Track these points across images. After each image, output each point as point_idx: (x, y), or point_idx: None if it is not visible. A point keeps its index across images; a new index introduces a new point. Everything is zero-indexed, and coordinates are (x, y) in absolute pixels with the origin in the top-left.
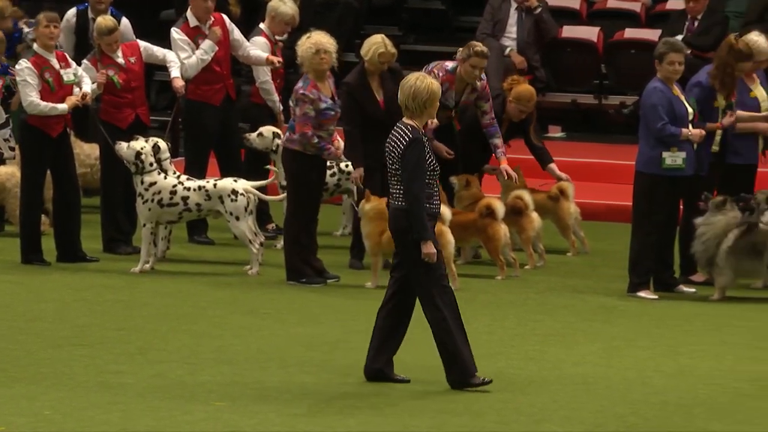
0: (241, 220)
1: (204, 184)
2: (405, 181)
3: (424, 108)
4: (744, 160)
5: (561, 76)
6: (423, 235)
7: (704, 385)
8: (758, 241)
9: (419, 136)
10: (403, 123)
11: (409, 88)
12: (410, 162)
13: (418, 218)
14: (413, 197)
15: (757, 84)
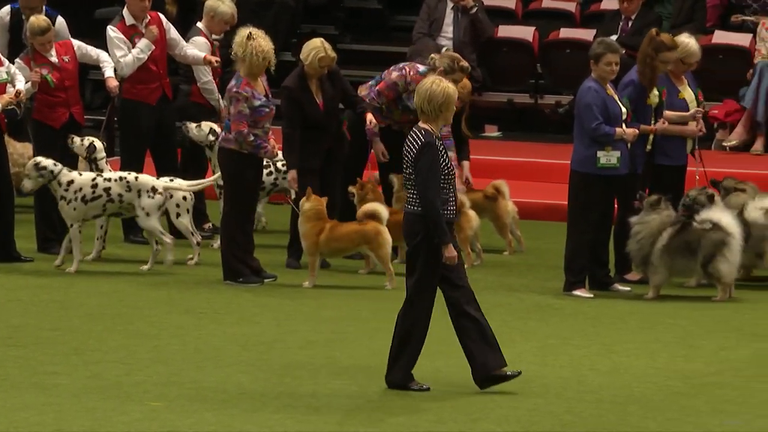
0: (151, 216)
1: (125, 176)
2: (419, 186)
3: (439, 111)
4: (673, 161)
5: (497, 76)
6: (444, 240)
7: (638, 383)
8: (692, 239)
9: (432, 140)
10: (417, 127)
11: (425, 91)
12: (423, 167)
13: (436, 223)
14: (428, 202)
15: (685, 86)
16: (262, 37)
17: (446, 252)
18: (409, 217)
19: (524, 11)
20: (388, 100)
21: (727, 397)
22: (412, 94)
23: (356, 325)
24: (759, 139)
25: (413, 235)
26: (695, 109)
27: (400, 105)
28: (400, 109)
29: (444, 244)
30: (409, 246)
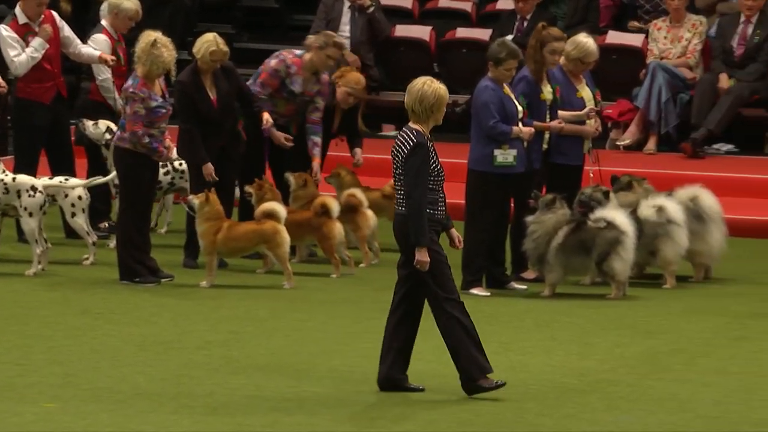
0: (33, 216)
1: (3, 177)
2: (407, 186)
3: (430, 112)
4: (569, 160)
5: (394, 75)
6: (419, 242)
7: (534, 380)
8: (587, 238)
9: (424, 140)
10: (408, 127)
11: (417, 92)
12: (413, 167)
13: (416, 224)
14: (414, 202)
15: (583, 85)
16: (166, 47)
17: (419, 255)
18: (401, 218)
19: (421, 11)
20: (273, 90)
21: (621, 393)
22: (294, 77)
23: (254, 324)
24: (652, 139)
25: (407, 236)
26: (588, 107)
27: (285, 92)
28: (285, 96)
29: (419, 246)
30: (404, 248)
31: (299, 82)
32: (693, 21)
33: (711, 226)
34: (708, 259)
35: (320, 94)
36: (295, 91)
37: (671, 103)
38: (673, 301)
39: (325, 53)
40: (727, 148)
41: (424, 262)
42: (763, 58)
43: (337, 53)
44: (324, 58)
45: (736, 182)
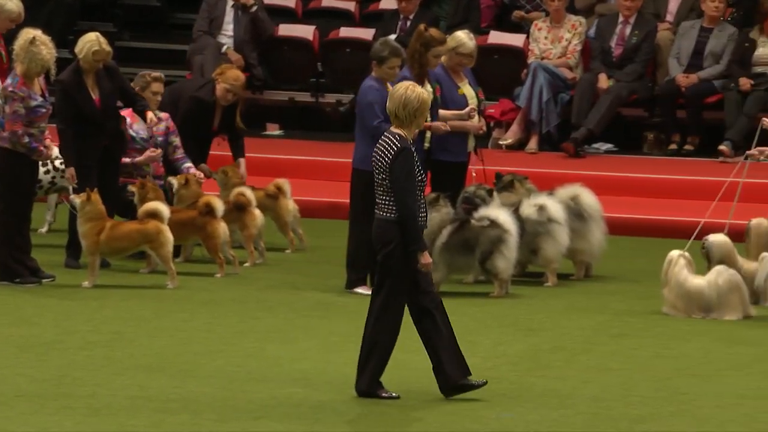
0: None
1: None
2: (397, 192)
3: (414, 117)
4: (453, 157)
5: (278, 74)
6: (420, 247)
7: (418, 377)
8: (470, 237)
9: (408, 145)
10: (391, 132)
11: (400, 97)
12: (401, 173)
13: (413, 230)
14: (407, 209)
15: (465, 82)
16: (45, 45)
17: (423, 258)
18: (382, 223)
19: (304, 10)
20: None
21: (503, 390)
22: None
23: (137, 324)
24: (533, 138)
25: (387, 242)
26: (469, 107)
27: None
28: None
29: (420, 250)
30: (380, 253)
31: (142, 127)
32: (573, 21)
33: (591, 224)
34: (588, 257)
35: (170, 131)
36: (144, 137)
37: (552, 103)
38: (554, 298)
39: (150, 91)
40: (606, 148)
41: (428, 264)
42: (641, 59)
43: (160, 86)
44: (150, 96)
45: (616, 181)
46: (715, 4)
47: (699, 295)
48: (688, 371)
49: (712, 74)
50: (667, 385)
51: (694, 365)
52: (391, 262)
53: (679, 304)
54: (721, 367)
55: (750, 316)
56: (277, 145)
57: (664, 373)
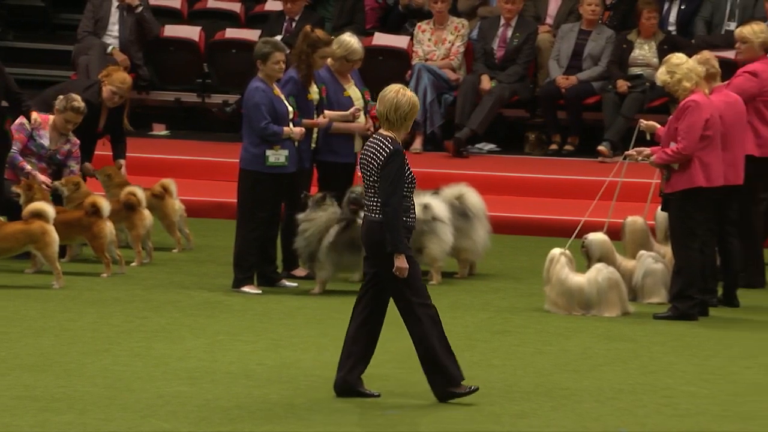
0: None
1: None
2: (383, 193)
3: (404, 120)
4: (340, 158)
5: (164, 75)
6: (398, 248)
7: (305, 377)
8: (357, 236)
9: (399, 148)
10: (381, 135)
11: (390, 100)
12: (390, 174)
13: (394, 231)
14: (391, 210)
15: (351, 84)
16: None
17: (398, 262)
18: (374, 226)
19: (189, 11)
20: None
21: (389, 388)
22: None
23: (22, 324)
24: (418, 138)
25: (379, 243)
26: (354, 108)
27: (34, 145)
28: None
29: (398, 253)
30: (375, 256)
31: (47, 136)
32: (456, 24)
33: (475, 223)
34: (472, 256)
35: (71, 156)
36: (44, 144)
37: (436, 104)
38: (438, 296)
39: (63, 117)
40: (489, 148)
41: (404, 268)
42: (522, 60)
43: (77, 117)
44: (63, 122)
45: (499, 180)
46: (592, 7)
47: (579, 292)
48: (568, 367)
49: (591, 76)
50: (548, 380)
51: (574, 361)
52: (387, 264)
53: (560, 302)
54: (600, 362)
55: (628, 313)
56: (163, 145)
57: (545, 369)
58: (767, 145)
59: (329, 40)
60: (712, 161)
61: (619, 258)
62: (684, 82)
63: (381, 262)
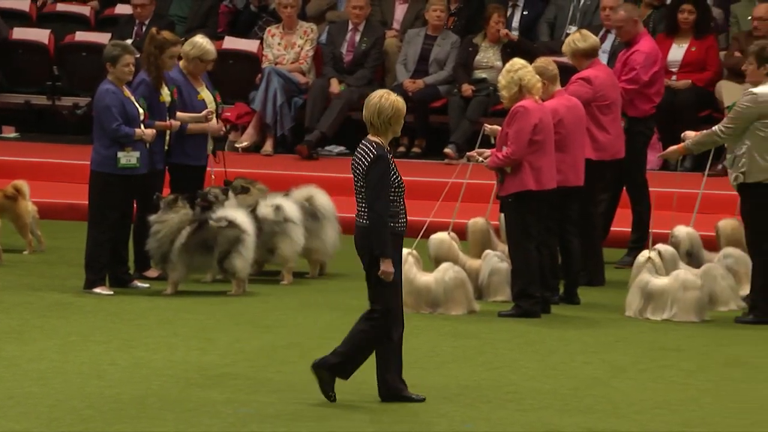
0: None
1: None
2: (368, 198)
3: (389, 124)
4: (192, 160)
5: (13, 77)
6: (383, 253)
7: (157, 376)
8: (209, 237)
9: (384, 153)
10: (368, 140)
11: (374, 105)
12: (373, 179)
13: (378, 235)
14: (375, 215)
15: (203, 87)
16: None
17: (383, 266)
18: (362, 231)
19: (39, 14)
20: None
21: (241, 386)
22: None
23: None
24: (269, 141)
25: (368, 249)
26: (206, 110)
27: None
28: None
29: (383, 257)
30: (365, 260)
31: None
32: (305, 28)
33: (325, 224)
34: (323, 256)
35: None
36: None
37: (286, 107)
38: (290, 296)
39: None
40: (339, 150)
41: (389, 272)
42: (370, 65)
43: None
44: None
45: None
46: (437, 13)
47: (427, 291)
48: (416, 364)
49: (437, 80)
50: None
51: (422, 358)
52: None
53: (409, 300)
54: (447, 359)
55: (474, 311)
56: (13, 148)
57: None
58: (603, 149)
59: (176, 41)
60: (543, 165)
61: (463, 257)
62: (514, 88)
63: (369, 266)
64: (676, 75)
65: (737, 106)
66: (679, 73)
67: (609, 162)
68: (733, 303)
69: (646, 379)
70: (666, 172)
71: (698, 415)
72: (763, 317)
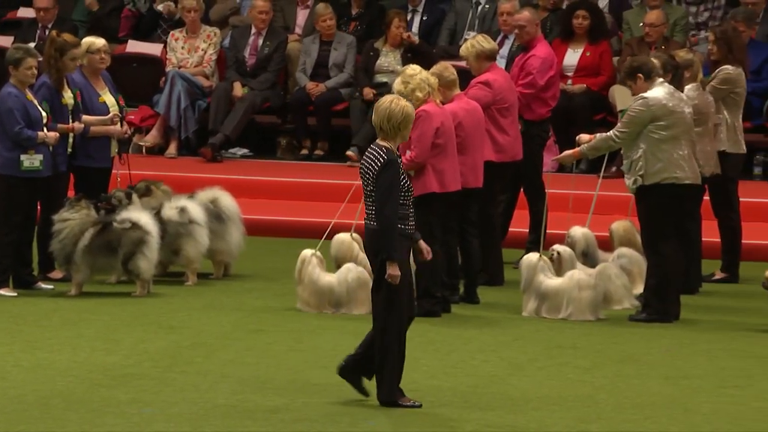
0: None
1: None
2: (378, 202)
3: (398, 130)
4: (96, 162)
5: None
6: (391, 256)
7: (62, 377)
8: (113, 238)
9: (394, 158)
10: (377, 144)
11: (384, 110)
12: (384, 184)
13: (388, 239)
14: (385, 218)
15: (106, 90)
16: None
17: (390, 269)
18: (372, 233)
19: None
20: None
21: (145, 386)
22: None
23: None
24: (173, 143)
25: (378, 251)
26: (113, 113)
27: None
28: None
29: (391, 260)
30: (374, 262)
31: None
32: (208, 32)
33: (230, 225)
34: (227, 257)
35: None
36: None
37: (190, 110)
38: (194, 297)
39: None
40: (242, 152)
41: (396, 276)
42: (273, 68)
43: None
44: None
45: (252, 184)
46: (327, 23)
47: (330, 291)
48: (319, 363)
49: (338, 82)
50: (301, 377)
51: (325, 357)
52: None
53: (312, 301)
54: None
55: None
56: None
57: (297, 365)
58: (504, 151)
59: (77, 43)
60: (445, 168)
61: (364, 258)
62: (416, 92)
63: (381, 268)
64: (571, 79)
65: (630, 111)
66: (575, 77)
67: (509, 163)
68: (627, 302)
69: (543, 376)
70: (562, 174)
71: (593, 411)
72: (656, 315)
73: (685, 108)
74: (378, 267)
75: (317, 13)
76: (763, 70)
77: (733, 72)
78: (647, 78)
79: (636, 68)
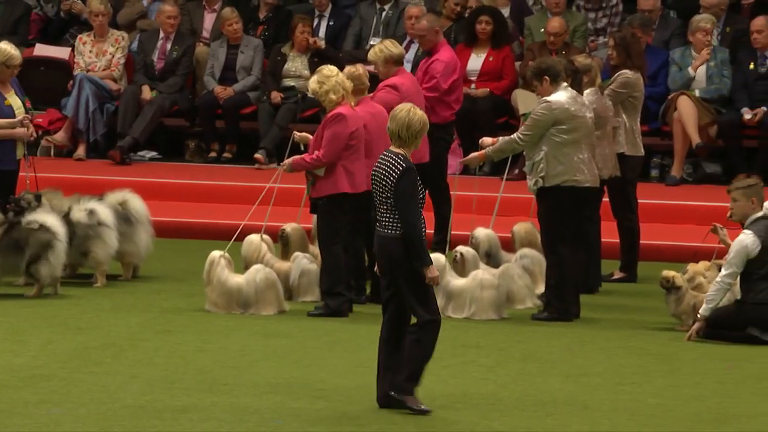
0: None
1: None
2: (402, 210)
3: (415, 138)
4: (2, 165)
5: None
6: (426, 261)
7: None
8: (20, 238)
9: (412, 165)
10: (393, 152)
11: (402, 118)
12: (406, 192)
13: (418, 246)
14: (411, 226)
15: (12, 93)
16: None
17: (429, 273)
18: (389, 241)
19: None
20: None
21: (53, 387)
22: None
23: None
24: (81, 146)
25: (393, 257)
26: (23, 115)
27: None
28: None
29: (426, 265)
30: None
31: None
32: (116, 36)
33: (139, 227)
34: (136, 259)
35: None
36: None
37: (99, 113)
38: (103, 298)
39: None
40: (151, 155)
41: (435, 277)
42: (181, 72)
43: None
44: None
45: (161, 187)
46: (233, 28)
47: (238, 292)
48: (227, 363)
49: (246, 85)
50: (209, 377)
51: (233, 357)
52: (403, 278)
53: (220, 301)
54: (258, 358)
55: (284, 311)
56: None
57: (205, 365)
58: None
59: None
60: (356, 169)
61: (273, 259)
62: (331, 94)
63: (398, 274)
64: (474, 83)
65: (533, 114)
66: (478, 81)
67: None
68: (529, 301)
69: (448, 375)
70: (466, 176)
71: (497, 408)
72: (557, 314)
73: (586, 113)
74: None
75: (223, 17)
76: (659, 75)
77: (632, 76)
78: (553, 81)
79: (543, 70)
